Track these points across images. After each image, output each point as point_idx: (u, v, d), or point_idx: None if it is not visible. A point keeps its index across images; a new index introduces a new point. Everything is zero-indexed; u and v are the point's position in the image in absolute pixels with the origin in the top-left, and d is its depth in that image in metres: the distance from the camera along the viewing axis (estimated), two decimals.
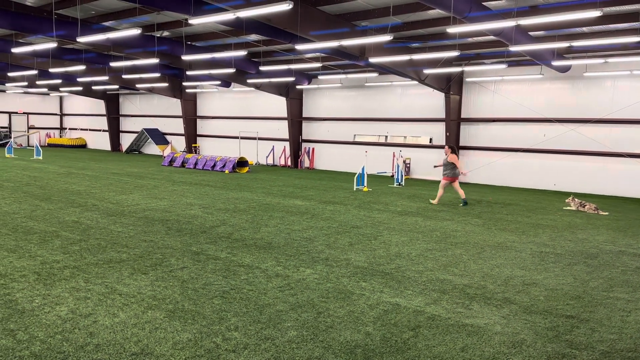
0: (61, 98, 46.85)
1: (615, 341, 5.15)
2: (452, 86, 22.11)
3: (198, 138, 35.16)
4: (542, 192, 19.69)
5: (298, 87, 27.77)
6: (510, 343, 5.01)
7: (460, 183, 22.23)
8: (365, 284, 6.80)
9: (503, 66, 18.53)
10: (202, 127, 34.94)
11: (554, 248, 9.49)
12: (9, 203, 12.64)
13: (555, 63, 17.38)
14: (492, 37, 17.10)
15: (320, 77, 26.53)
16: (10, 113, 43.73)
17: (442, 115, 23.36)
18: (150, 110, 38.64)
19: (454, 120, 22.59)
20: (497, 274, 7.57)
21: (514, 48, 13.99)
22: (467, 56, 20.46)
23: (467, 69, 18.99)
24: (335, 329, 5.23)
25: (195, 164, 26.08)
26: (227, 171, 24.24)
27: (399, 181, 20.49)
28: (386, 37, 12.96)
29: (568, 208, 14.88)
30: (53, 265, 7.19)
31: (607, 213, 14.20)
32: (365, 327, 5.31)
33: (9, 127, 43.51)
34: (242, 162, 25.07)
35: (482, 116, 22.51)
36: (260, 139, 31.35)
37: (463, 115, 22.97)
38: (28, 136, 44.26)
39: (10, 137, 40.64)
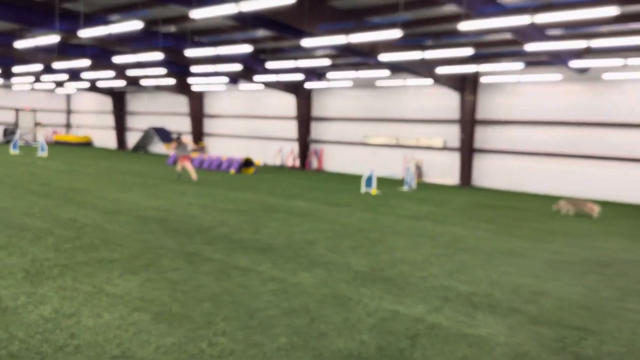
0: (68, 95, 47.24)
1: (623, 354, 4.97)
2: (466, 86, 21.89)
3: (205, 137, 35.23)
4: (560, 199, 19.40)
5: (307, 86, 27.70)
6: (513, 354, 4.86)
7: (474, 188, 22.07)
8: (365, 290, 6.67)
9: (520, 66, 18.30)
10: (209, 125, 35.00)
11: (566, 256, 9.29)
12: (7, 199, 12.68)
13: (574, 64, 17.12)
14: (508, 36, 16.89)
15: (330, 76, 26.44)
16: (17, 109, 44.13)
17: (456, 117, 23.15)
18: (157, 108, 38.82)
19: (468, 122, 22.37)
20: (504, 281, 7.41)
21: (529, 47, 13.79)
22: (483, 55, 20.25)
23: (482, 68, 18.78)
24: (329, 336, 5.11)
25: (201, 163, 26.10)
26: (232, 171, 24.23)
27: (410, 184, 20.32)
28: (396, 34, 12.84)
29: (563, 212, 14.76)
30: (43, 263, 7.15)
31: (599, 209, 14.50)
32: (361, 335, 5.18)
33: (16, 124, 43.91)
34: (248, 163, 25.05)
35: (498, 118, 22.26)
36: (267, 138, 31.31)
37: (478, 117, 22.73)
38: (35, 133, 44.66)
39: (18, 134, 41.07)
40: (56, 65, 24.61)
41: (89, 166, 23.55)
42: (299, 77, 24.40)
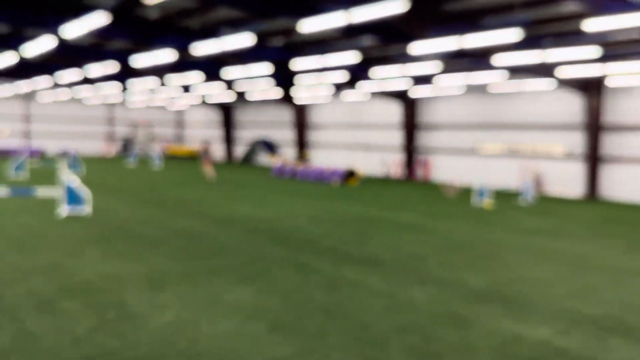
0: (179, 109, 50.59)
1: None
2: (590, 89, 20.61)
3: (308, 148, 36.08)
4: None
5: (414, 93, 27.47)
6: None
7: (602, 200, 20.80)
8: (482, 309, 6.50)
9: None
10: (312, 136, 35.81)
11: None
12: (126, 209, 13.83)
13: None
14: (637, 35, 15.71)
15: (438, 82, 26.04)
16: (133, 124, 48.07)
17: (578, 122, 21.85)
18: (262, 119, 40.42)
19: (593, 128, 21.02)
20: (639, 304, 6.88)
21: None
22: (609, 55, 18.97)
23: (609, 70, 17.58)
24: (446, 356, 5.05)
25: (305, 174, 26.76)
26: (336, 182, 24.57)
27: (527, 197, 19.44)
28: (513, 36, 12.41)
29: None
30: (161, 271, 7.72)
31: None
32: (481, 356, 5.06)
33: (133, 138, 47.82)
34: (351, 173, 25.29)
35: (628, 123, 20.70)
36: (371, 149, 31.44)
37: (605, 123, 21.28)
38: (150, 146, 48.30)
39: (134, 148, 44.65)
40: (169, 80, 26.46)
41: (200, 178, 25.00)
42: (406, 84, 24.25)
